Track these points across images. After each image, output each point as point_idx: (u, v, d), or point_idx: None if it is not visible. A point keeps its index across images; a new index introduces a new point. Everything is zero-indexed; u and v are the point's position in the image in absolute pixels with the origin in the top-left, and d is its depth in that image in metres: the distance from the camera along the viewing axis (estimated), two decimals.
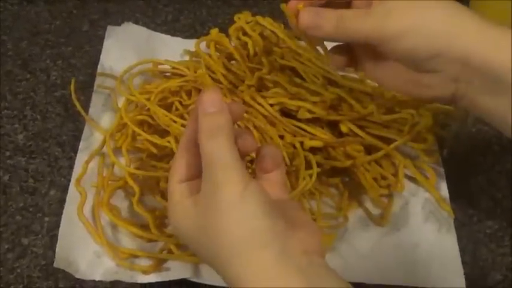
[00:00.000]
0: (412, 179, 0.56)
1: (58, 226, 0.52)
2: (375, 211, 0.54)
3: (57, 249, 0.50)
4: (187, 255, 0.50)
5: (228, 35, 0.62)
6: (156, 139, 0.55)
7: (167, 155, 0.55)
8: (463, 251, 0.52)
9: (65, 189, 0.55)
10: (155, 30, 0.69)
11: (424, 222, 0.54)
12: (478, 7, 0.64)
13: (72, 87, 0.62)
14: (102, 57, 0.64)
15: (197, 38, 0.64)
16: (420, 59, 0.40)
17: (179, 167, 0.38)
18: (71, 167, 0.56)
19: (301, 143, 0.54)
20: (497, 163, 0.58)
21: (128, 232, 0.52)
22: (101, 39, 0.67)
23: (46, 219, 0.54)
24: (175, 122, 0.55)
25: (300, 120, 0.55)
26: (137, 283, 0.49)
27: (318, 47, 0.45)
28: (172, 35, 0.69)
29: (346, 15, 0.41)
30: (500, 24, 0.39)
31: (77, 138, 0.59)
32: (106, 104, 0.61)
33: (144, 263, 0.50)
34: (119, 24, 0.68)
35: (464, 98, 0.41)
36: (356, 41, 0.41)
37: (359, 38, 0.40)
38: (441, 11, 0.39)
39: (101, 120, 0.60)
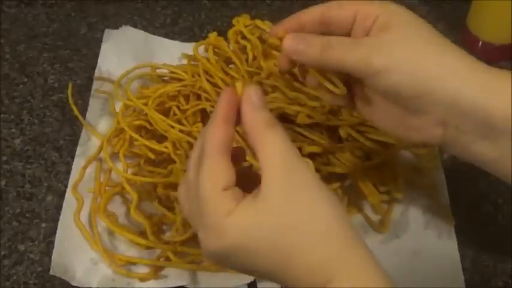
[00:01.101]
0: (412, 184, 0.55)
1: (55, 232, 0.52)
2: (375, 217, 0.54)
3: (53, 256, 0.50)
4: (185, 263, 0.49)
5: (226, 38, 0.62)
6: (153, 144, 0.54)
7: (165, 161, 0.55)
8: (463, 257, 0.52)
9: (62, 195, 0.54)
10: (153, 33, 0.68)
11: (425, 228, 0.53)
12: (479, 7, 0.64)
13: (69, 91, 0.62)
14: (99, 61, 0.64)
15: (196, 41, 0.64)
16: (403, 98, 0.38)
17: (221, 172, 0.33)
18: (68, 172, 0.56)
19: (300, 149, 0.53)
20: None
21: (125, 239, 0.51)
22: (99, 43, 0.66)
23: (43, 225, 0.54)
24: (173, 127, 0.55)
25: (299, 125, 0.55)
26: None
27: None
28: (171, 38, 0.68)
29: (333, 43, 0.39)
30: (496, 73, 0.37)
31: (74, 143, 0.58)
32: (104, 109, 0.61)
33: (141, 270, 0.50)
34: (117, 27, 0.67)
35: (455, 144, 0.39)
36: (340, 71, 0.39)
37: (343, 68, 0.39)
38: (432, 49, 0.38)
39: (99, 125, 0.59)
